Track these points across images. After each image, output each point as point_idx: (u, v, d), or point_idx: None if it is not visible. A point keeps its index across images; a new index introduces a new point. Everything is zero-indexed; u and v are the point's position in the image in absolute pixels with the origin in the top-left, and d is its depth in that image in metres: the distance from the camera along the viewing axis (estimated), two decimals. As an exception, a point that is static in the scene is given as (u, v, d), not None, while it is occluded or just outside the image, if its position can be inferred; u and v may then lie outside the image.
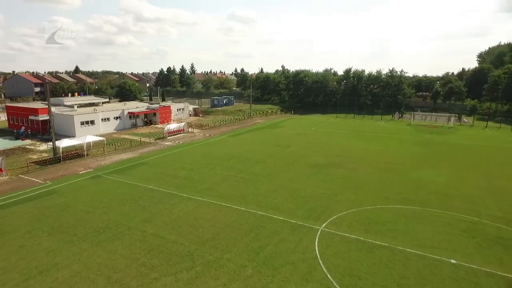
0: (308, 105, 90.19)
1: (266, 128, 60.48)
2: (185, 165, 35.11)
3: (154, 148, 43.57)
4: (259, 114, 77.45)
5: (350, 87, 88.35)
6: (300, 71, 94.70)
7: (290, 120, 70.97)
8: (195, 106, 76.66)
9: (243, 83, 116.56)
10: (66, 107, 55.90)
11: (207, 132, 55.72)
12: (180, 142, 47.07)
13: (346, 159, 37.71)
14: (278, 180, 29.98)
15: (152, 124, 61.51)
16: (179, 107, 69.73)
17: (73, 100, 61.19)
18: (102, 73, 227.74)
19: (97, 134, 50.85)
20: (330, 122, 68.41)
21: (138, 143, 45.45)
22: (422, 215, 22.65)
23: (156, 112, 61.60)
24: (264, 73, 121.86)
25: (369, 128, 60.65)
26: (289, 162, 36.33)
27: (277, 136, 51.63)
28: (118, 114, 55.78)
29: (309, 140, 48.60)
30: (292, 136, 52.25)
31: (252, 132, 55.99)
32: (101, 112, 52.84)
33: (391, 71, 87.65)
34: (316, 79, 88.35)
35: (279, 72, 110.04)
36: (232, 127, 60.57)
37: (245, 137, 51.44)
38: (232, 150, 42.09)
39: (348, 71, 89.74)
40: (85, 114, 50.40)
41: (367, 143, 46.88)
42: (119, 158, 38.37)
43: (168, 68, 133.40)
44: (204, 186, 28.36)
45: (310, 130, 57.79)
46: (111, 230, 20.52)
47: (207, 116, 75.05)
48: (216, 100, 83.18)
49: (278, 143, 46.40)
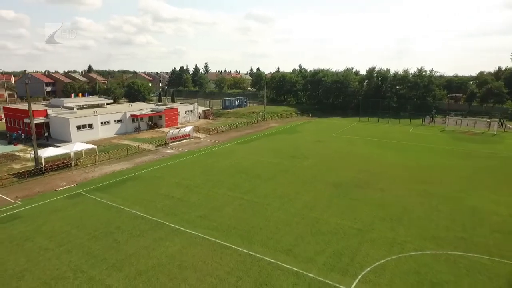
0: (327, 107, 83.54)
1: (280, 133, 54.61)
2: (183, 180, 29.84)
3: (153, 157, 38.63)
4: (274, 116, 71.61)
5: (374, 88, 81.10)
6: (318, 70, 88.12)
7: (307, 124, 64.77)
8: (205, 108, 71.68)
9: (258, 83, 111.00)
10: (65, 109, 52.08)
11: (215, 137, 50.44)
12: (183, 150, 41.97)
13: (374, 175, 31.39)
14: (292, 206, 24.16)
15: (157, 127, 56.87)
16: (187, 109, 64.92)
17: (75, 101, 57.52)
18: (119, 73, 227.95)
19: (96, 139, 46.65)
20: (352, 127, 61.74)
21: (136, 151, 40.65)
22: (492, 271, 16.30)
23: (162, 114, 56.92)
24: (280, 72, 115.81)
25: (397, 134, 53.68)
26: (306, 179, 30.39)
27: (293, 144, 45.70)
28: (119, 117, 51.39)
29: (329, 150, 42.42)
30: (310, 144, 46.18)
31: (264, 138, 50.26)
32: (100, 115, 48.51)
33: (419, 70, 79.74)
34: (336, 79, 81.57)
35: (296, 71, 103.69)
36: (243, 132, 55.05)
37: (256, 144, 45.78)
38: (240, 161, 36.54)
39: (371, 70, 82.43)
40: (81, 117, 46.19)
41: (397, 154, 40.23)
42: (110, 169, 33.58)
43: (181, 68, 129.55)
44: (200, 213, 22.92)
45: (330, 137, 51.49)
46: (66, 282, 15.36)
47: (217, 118, 69.89)
48: (227, 102, 78.00)
49: (294, 153, 40.49)
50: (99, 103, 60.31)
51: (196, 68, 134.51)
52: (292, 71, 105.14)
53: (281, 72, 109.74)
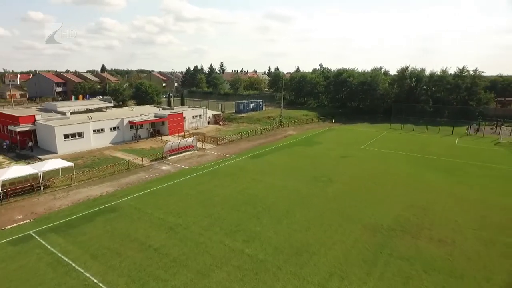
0: (352, 112, 74.84)
1: (299, 144, 46.86)
2: (171, 216, 22.91)
3: (143, 176, 32.01)
4: (292, 122, 63.83)
5: (406, 90, 71.63)
6: (343, 70, 79.45)
7: (330, 132, 56.61)
8: (216, 112, 64.88)
9: (276, 84, 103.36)
10: (57, 114, 46.68)
11: (223, 149, 43.40)
12: (181, 167, 35.16)
13: (425, 213, 23.31)
14: (314, 271, 16.63)
15: (160, 135, 50.54)
16: (195, 113, 58.32)
17: (71, 105, 52.15)
18: (136, 72, 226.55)
19: (86, 149, 40.79)
20: (383, 136, 53.07)
21: (126, 167, 34.19)
22: None
23: (165, 120, 50.52)
24: (300, 72, 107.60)
25: (440, 148, 44.70)
26: (332, 217, 22.72)
27: (314, 160, 37.96)
28: (115, 123, 45.34)
29: (359, 169, 34.39)
30: (334, 159, 38.28)
31: (280, 151, 42.71)
32: (92, 122, 42.57)
33: (460, 70, 69.61)
34: (363, 80, 72.69)
35: (317, 71, 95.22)
36: (256, 142, 47.71)
37: (269, 160, 38.34)
38: (248, 186, 29.25)
39: (404, 70, 72.86)
40: (70, 125, 40.34)
41: (448, 177, 31.67)
42: (86, 194, 27.17)
43: (195, 67, 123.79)
44: (178, 281, 15.83)
45: (358, 150, 43.30)
46: None
47: (228, 124, 62.90)
48: (241, 105, 70.88)
49: (315, 172, 32.80)
50: (98, 107, 54.77)
51: (211, 68, 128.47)
52: (313, 71, 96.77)
53: (301, 72, 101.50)
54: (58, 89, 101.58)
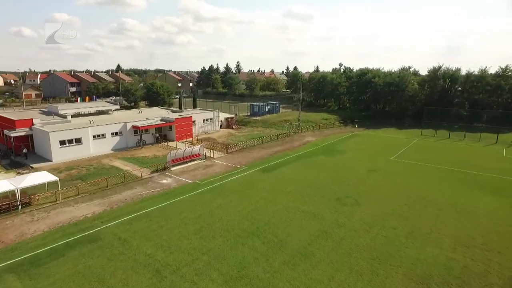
0: (377, 115, 68.64)
1: (319, 153, 41.68)
2: (159, 251, 18.57)
3: (138, 192, 27.94)
4: (311, 127, 58.59)
5: (438, 92, 64.75)
6: (367, 70, 73.36)
7: (353, 139, 51.00)
8: (228, 115, 60.51)
9: (294, 84, 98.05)
10: (58, 117, 43.65)
11: (233, 159, 38.89)
12: (184, 181, 30.90)
13: (489, 256, 17.80)
14: None
15: (167, 141, 46.66)
16: (206, 116, 54.15)
17: (74, 107, 49.13)
18: (154, 72, 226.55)
19: (85, 156, 37.43)
20: (415, 145, 47.00)
21: (121, 180, 30.25)
22: None
23: (172, 125, 46.57)
24: (320, 72, 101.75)
25: (484, 159, 38.38)
26: (363, 260, 17.64)
27: (336, 174, 32.78)
28: (118, 128, 41.75)
29: (390, 188, 28.96)
30: (360, 174, 32.94)
31: (297, 162, 37.71)
32: (92, 127, 39.09)
33: (503, 69, 62.10)
34: (390, 81, 66.32)
35: (338, 71, 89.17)
36: (270, 150, 42.90)
37: (285, 173, 33.45)
38: (258, 207, 24.56)
39: (436, 70, 65.91)
40: (66, 130, 36.95)
41: (505, 201, 25.75)
42: (68, 216, 23.30)
43: (210, 67, 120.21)
44: None
45: (387, 162, 37.73)
46: None
47: (242, 128, 58.37)
48: (256, 107, 66.21)
49: (338, 191, 27.70)
50: (104, 109, 51.56)
51: (227, 67, 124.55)
52: (333, 71, 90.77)
53: (321, 72, 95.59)
54: (72, 89, 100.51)
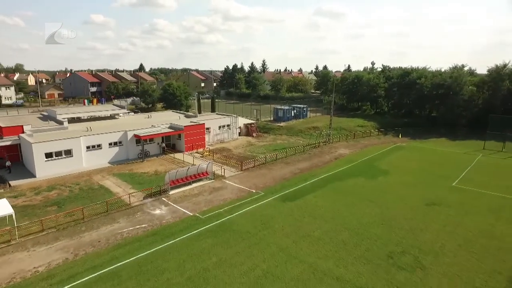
0: (422, 122, 58.61)
1: (355, 173, 33.42)
2: None
3: (118, 230, 21.48)
4: (344, 135, 50.10)
5: (502, 96, 53.71)
6: (411, 69, 63.38)
7: (397, 153, 42.06)
8: (248, 121, 53.31)
9: (324, 85, 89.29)
10: (55, 123, 38.63)
11: (248, 178, 31.67)
12: (182, 211, 24.13)
13: None
14: None
15: (175, 151, 40.38)
16: (222, 122, 47.34)
17: (76, 111, 44.08)
18: (182, 71, 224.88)
19: (76, 171, 32.14)
20: (481, 162, 37.37)
21: (104, 209, 23.98)
22: None
23: (181, 133, 40.18)
24: (353, 71, 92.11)
25: None
26: None
27: (382, 208, 24.59)
28: (117, 137, 35.91)
29: (464, 237, 20.42)
30: (416, 210, 24.51)
31: (327, 186, 29.76)
32: (84, 137, 33.41)
33: None
34: (440, 82, 56.08)
35: (376, 70, 79.23)
36: (295, 167, 35.24)
37: (311, 204, 25.71)
38: (270, 271, 17.14)
39: (500, 69, 54.84)
40: (54, 140, 31.45)
41: None
42: (13, 269, 17.20)
43: (234, 66, 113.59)
44: None
45: (448, 189, 28.87)
46: None
47: (263, 136, 50.97)
48: (280, 111, 58.52)
49: (389, 241, 19.64)
50: (109, 113, 46.22)
51: (252, 67, 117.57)
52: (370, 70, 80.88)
53: (355, 71, 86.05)
54: (92, 89, 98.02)
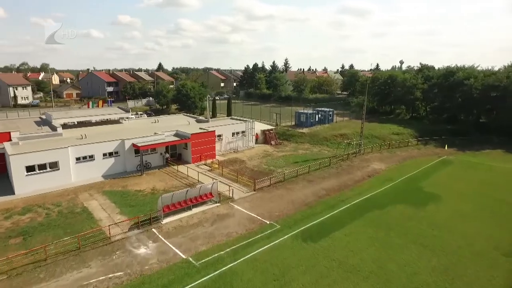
0: (469, 130, 50.21)
1: (396, 198, 26.69)
2: None
3: (89, 276, 16.33)
4: (377, 145, 43.10)
5: None
6: (457, 68, 55.00)
7: (446, 170, 34.70)
8: (267, 127, 47.33)
9: (351, 85, 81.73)
10: (49, 128, 34.52)
11: (262, 201, 25.82)
12: (172, 251, 18.70)
13: None
14: None
15: (181, 162, 35.25)
16: (237, 129, 41.73)
17: (74, 115, 39.86)
18: (203, 70, 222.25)
19: (63, 187, 28.08)
20: (559, 189, 29.40)
21: (75, 246, 18.94)
22: None
23: (188, 142, 34.93)
24: (386, 71, 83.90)
25: None
26: None
27: (439, 257, 17.96)
28: (112, 147, 31.14)
29: None
30: (491, 265, 17.63)
31: (361, 219, 23.26)
32: (73, 147, 28.81)
33: None
34: (495, 82, 47.62)
35: (412, 69, 70.79)
36: (319, 187, 28.96)
37: (341, 247, 19.43)
38: None
39: None
40: (36, 151, 26.99)
41: None
42: None
43: (255, 65, 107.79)
44: None
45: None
46: None
47: (283, 144, 44.88)
48: (303, 116, 52.10)
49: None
50: (113, 117, 41.83)
51: (273, 66, 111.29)
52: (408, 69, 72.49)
53: (388, 71, 77.93)
54: (109, 89, 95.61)
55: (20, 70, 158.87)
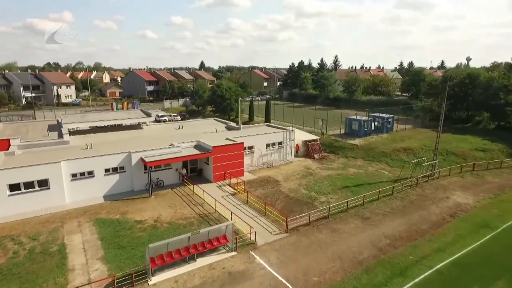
0: None
1: (502, 266, 17.24)
2: None
3: None
4: (456, 164, 32.69)
5: None
6: None
7: None
8: (309, 137, 39.05)
9: (414, 86, 69.48)
10: (57, 135, 30.29)
11: (295, 253, 18.19)
12: None
13: None
14: None
15: (200, 179, 28.90)
16: (271, 139, 34.28)
17: (90, 119, 35.40)
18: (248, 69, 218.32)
19: (55, 209, 23.47)
20: None
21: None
22: None
23: (209, 156, 28.36)
24: (465, 68, 70.29)
25: None
26: None
27: None
28: (116, 162, 25.66)
29: None
30: None
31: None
32: (67, 162, 23.70)
33: None
34: None
35: (499, 66, 57.02)
36: (378, 233, 20.41)
37: None
38: None
39: None
40: (19, 167, 22.21)
41: None
42: None
43: (300, 63, 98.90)
44: None
45: None
46: None
47: (330, 159, 36.44)
48: (355, 123, 42.87)
49: None
50: (135, 122, 36.89)
51: (321, 64, 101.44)
52: (492, 67, 58.78)
53: (467, 68, 64.56)
54: (149, 88, 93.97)
55: (76, 70, 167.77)
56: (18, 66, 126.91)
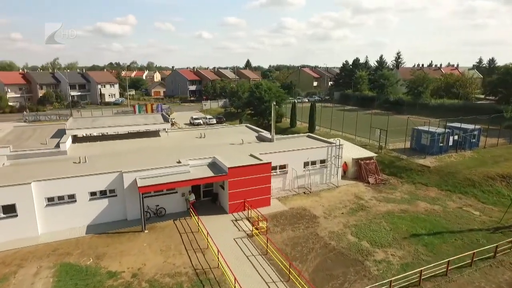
0: None
1: None
2: None
3: None
4: None
5: None
6: None
7: None
8: (364, 153, 30.15)
9: (504, 87, 55.26)
10: (54, 144, 26.08)
11: None
12: None
13: None
14: None
15: (215, 208, 22.38)
16: (310, 156, 26.39)
17: (101, 124, 30.68)
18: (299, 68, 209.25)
19: (22, 242, 17.62)
20: None
21: None
22: None
23: (224, 179, 21.56)
24: None
25: None
26: None
27: None
28: (105, 184, 20.13)
29: None
30: None
31: None
32: (38, 183, 18.66)
33: None
34: None
35: None
36: None
37: None
38: None
39: None
40: (-21, 189, 17.74)
41: None
42: None
43: (355, 60, 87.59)
44: None
45: None
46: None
47: (388, 184, 27.34)
48: (425, 136, 32.67)
49: None
50: (152, 128, 31.60)
51: (380, 61, 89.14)
52: None
53: None
54: (191, 87, 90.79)
55: (130, 69, 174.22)
56: (78, 66, 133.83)
